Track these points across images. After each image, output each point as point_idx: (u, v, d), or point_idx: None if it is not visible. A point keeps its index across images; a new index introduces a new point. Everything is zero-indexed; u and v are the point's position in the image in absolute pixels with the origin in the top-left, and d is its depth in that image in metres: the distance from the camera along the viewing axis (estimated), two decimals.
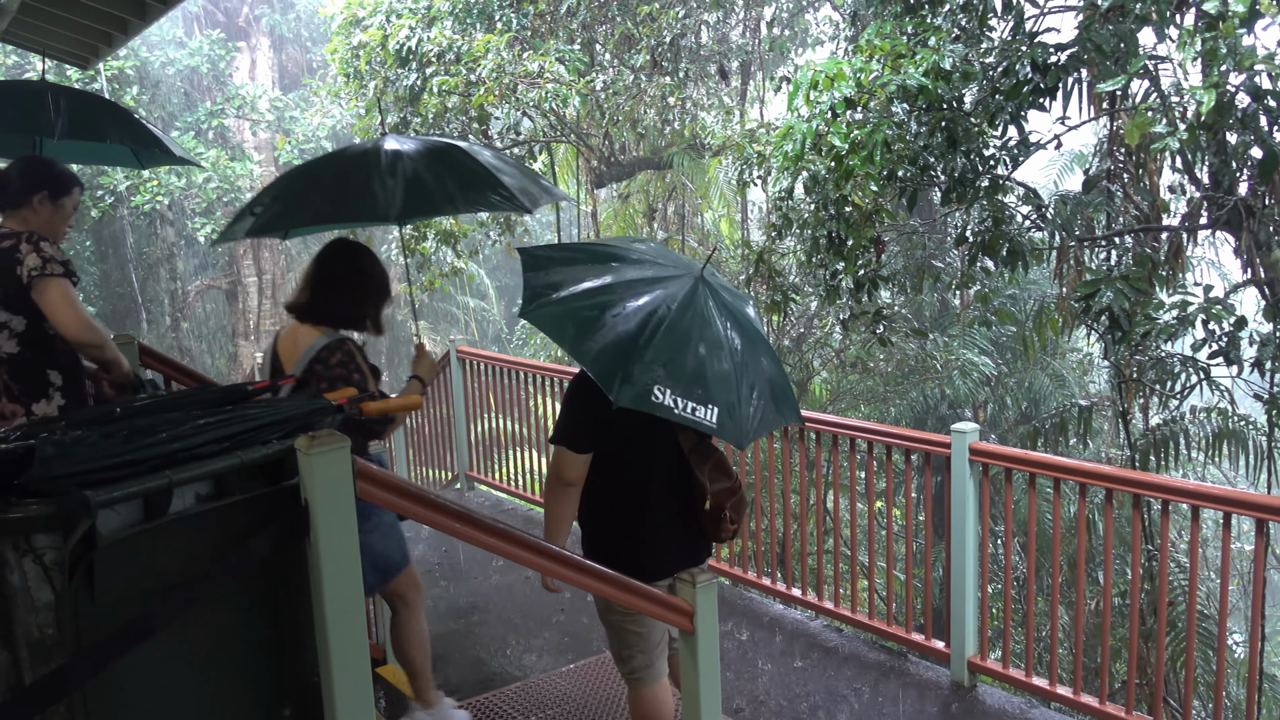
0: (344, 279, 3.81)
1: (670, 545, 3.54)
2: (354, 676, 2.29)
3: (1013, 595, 10.26)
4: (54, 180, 3.91)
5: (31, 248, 3.64)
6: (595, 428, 3.38)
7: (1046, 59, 6.29)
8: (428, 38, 11.40)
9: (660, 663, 3.59)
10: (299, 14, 27.56)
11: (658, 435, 3.43)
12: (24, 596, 1.98)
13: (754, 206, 15.34)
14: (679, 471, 3.50)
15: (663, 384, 2.93)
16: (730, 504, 3.49)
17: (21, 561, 1.98)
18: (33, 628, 2.00)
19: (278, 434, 2.38)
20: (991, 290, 8.57)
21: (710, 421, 2.98)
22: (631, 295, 3.16)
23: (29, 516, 1.97)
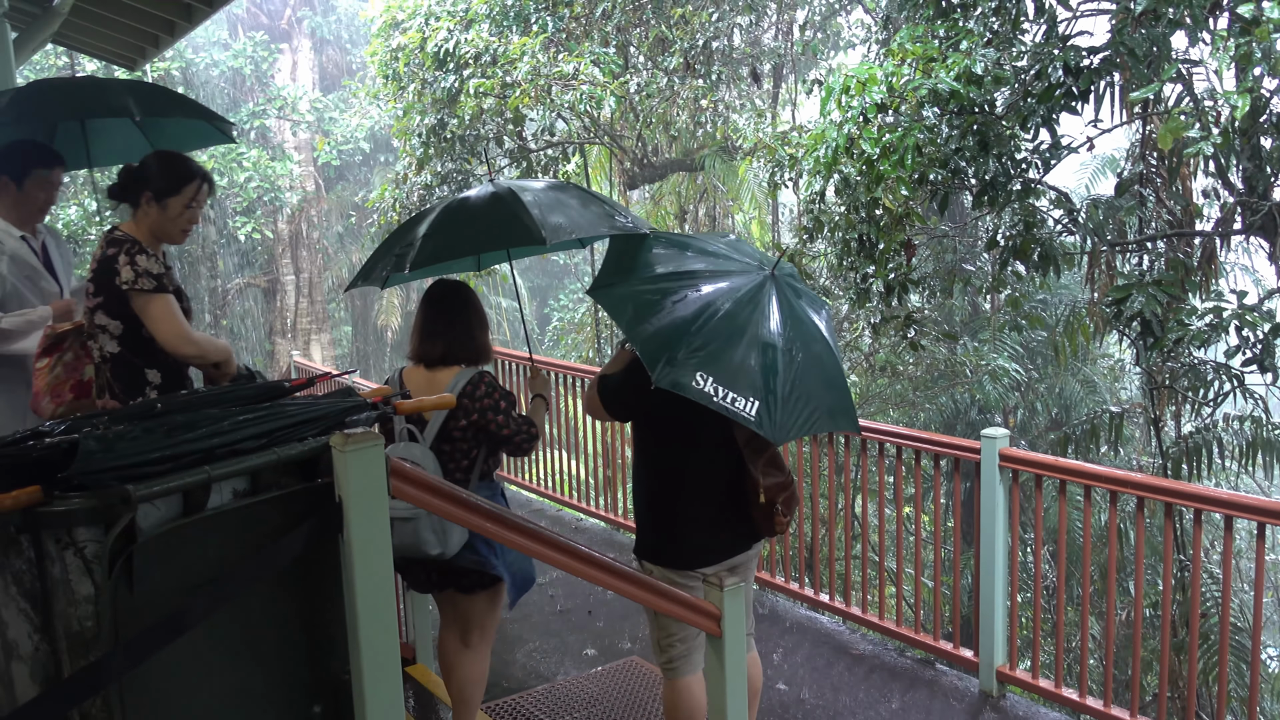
0: (463, 319, 3.94)
1: (718, 534, 3.61)
2: (384, 675, 2.32)
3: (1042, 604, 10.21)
4: (159, 179, 3.72)
5: (127, 260, 3.61)
6: (634, 399, 3.51)
7: (1079, 62, 6.27)
8: (465, 40, 11.48)
9: (698, 655, 3.62)
10: (340, 16, 27.82)
11: (709, 428, 3.50)
12: (64, 589, 2.03)
13: (785, 209, 15.33)
14: (733, 465, 3.56)
15: (705, 371, 3.02)
16: (782, 499, 3.55)
17: (63, 554, 2.02)
18: (72, 620, 2.05)
19: (313, 431, 2.42)
20: (1022, 295, 8.53)
21: (748, 414, 3.04)
22: (695, 285, 3.29)
23: (71, 510, 2.01)
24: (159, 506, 2.12)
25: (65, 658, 2.05)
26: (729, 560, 3.63)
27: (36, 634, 2.09)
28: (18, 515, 2.04)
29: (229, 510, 2.25)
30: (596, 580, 2.95)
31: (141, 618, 2.06)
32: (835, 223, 7.71)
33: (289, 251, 24.96)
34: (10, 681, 2.16)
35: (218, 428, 2.27)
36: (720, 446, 3.55)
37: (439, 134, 12.25)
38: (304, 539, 2.26)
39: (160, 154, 3.84)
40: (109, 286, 3.64)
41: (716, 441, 3.54)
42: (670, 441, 3.58)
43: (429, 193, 12.68)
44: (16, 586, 2.10)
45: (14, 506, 2.01)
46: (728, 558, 3.62)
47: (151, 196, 3.68)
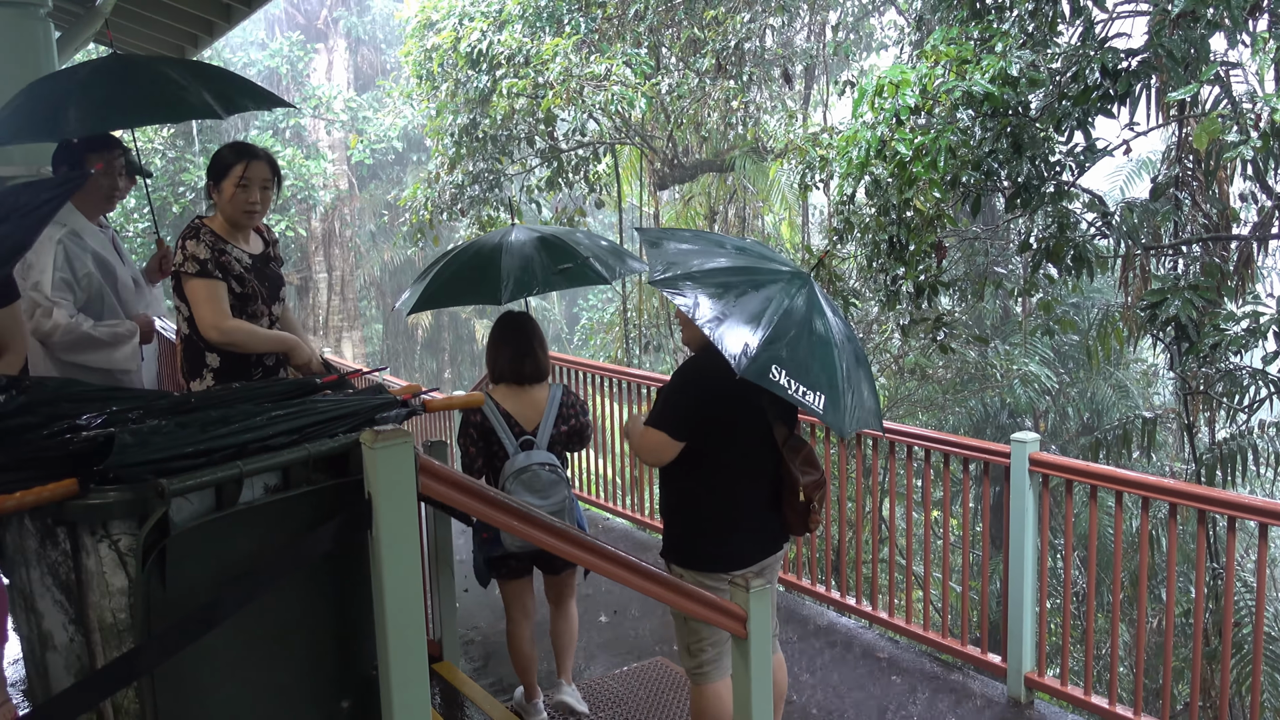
0: (541, 343, 4.37)
1: (756, 535, 3.64)
2: (412, 671, 2.34)
3: (1072, 611, 10.14)
4: (216, 164, 3.92)
5: (181, 245, 3.82)
6: (697, 417, 3.54)
7: (1116, 64, 6.22)
8: (498, 41, 11.54)
9: (727, 660, 3.61)
10: (375, 16, 28.01)
11: (752, 429, 3.55)
12: (99, 581, 2.06)
13: (815, 210, 15.29)
14: (769, 464, 3.60)
15: (779, 365, 3.12)
16: (818, 496, 3.59)
17: (98, 547, 2.05)
18: (106, 612, 2.07)
19: (344, 427, 2.44)
20: (1054, 298, 8.46)
21: (817, 406, 3.14)
22: (753, 282, 3.38)
23: (106, 503, 2.04)
24: (192, 500, 2.15)
25: (99, 649, 2.08)
26: (759, 563, 3.65)
27: (71, 625, 2.12)
28: (54, 507, 2.07)
29: (260, 505, 2.27)
30: (624, 581, 2.95)
31: (173, 610, 2.09)
32: (866, 224, 7.68)
33: (321, 249, 25.17)
34: (45, 671, 2.19)
35: (250, 423, 2.29)
36: (759, 447, 3.58)
37: (471, 134, 12.31)
38: (333, 535, 2.27)
39: (225, 144, 4.05)
40: (176, 270, 3.84)
41: (756, 442, 3.58)
42: (710, 445, 3.58)
43: (460, 192, 12.74)
44: (52, 578, 2.13)
45: (50, 499, 2.04)
46: (758, 560, 3.64)
47: (213, 183, 3.90)
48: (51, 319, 3.95)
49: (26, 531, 2.17)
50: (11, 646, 4.73)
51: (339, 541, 2.29)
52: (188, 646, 2.06)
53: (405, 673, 2.33)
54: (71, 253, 4.04)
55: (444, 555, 4.79)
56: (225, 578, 2.16)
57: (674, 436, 3.54)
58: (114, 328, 4.17)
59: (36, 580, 2.17)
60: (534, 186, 13.08)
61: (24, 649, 2.35)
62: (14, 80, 5.56)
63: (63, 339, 4.01)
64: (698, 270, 3.41)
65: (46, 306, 3.93)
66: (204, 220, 3.94)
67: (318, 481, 2.37)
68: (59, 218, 3.97)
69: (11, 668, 4.68)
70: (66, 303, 3.99)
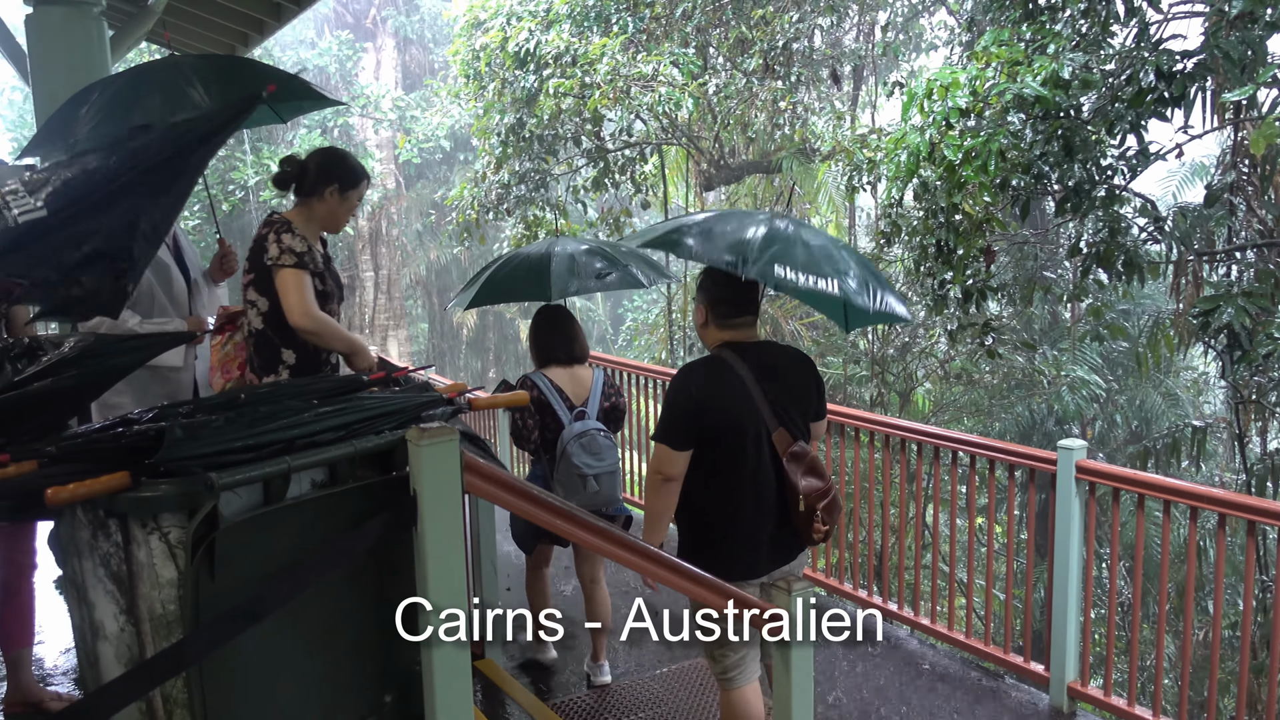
0: (582, 331, 4.87)
1: (761, 545, 3.56)
2: (454, 668, 2.36)
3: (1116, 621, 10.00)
4: (347, 174, 4.05)
5: (275, 238, 3.87)
6: (692, 422, 3.45)
7: (1172, 67, 6.13)
8: (545, 40, 11.57)
9: (752, 665, 3.59)
10: (423, 16, 28.18)
11: (752, 435, 3.48)
12: (149, 572, 2.09)
13: (862, 213, 15.20)
14: (773, 472, 3.52)
15: (780, 263, 3.23)
16: (822, 506, 3.50)
17: (148, 539, 2.09)
18: (156, 603, 2.11)
19: (390, 424, 2.46)
20: (1104, 304, 8.37)
21: (832, 290, 3.24)
22: (738, 215, 3.62)
23: (157, 495, 2.08)
24: (240, 495, 2.18)
25: (148, 639, 2.11)
26: (776, 571, 3.58)
27: (122, 615, 2.16)
28: (106, 500, 2.11)
29: (307, 500, 2.30)
30: (665, 580, 2.95)
31: (221, 602, 2.12)
32: (913, 228, 7.63)
33: (368, 248, 25.37)
34: (96, 660, 2.23)
35: (298, 419, 2.32)
36: (762, 456, 3.51)
37: (518, 133, 12.36)
38: (379, 530, 2.29)
39: (338, 151, 4.19)
40: (259, 264, 3.90)
41: (758, 451, 3.50)
42: (709, 451, 3.52)
43: (506, 191, 12.79)
44: (104, 569, 2.17)
45: (103, 491, 2.08)
46: (768, 570, 3.57)
47: (337, 189, 4.01)
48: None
49: (79, 523, 2.21)
50: (64, 635, 4.84)
51: (384, 537, 2.31)
52: (235, 638, 2.09)
53: (448, 669, 2.34)
54: None
55: (486, 553, 4.82)
56: (272, 571, 2.19)
57: (674, 447, 3.48)
58: (161, 326, 4.22)
59: (89, 571, 2.21)
60: (580, 186, 13.10)
61: (76, 638, 2.39)
62: (68, 77, 5.66)
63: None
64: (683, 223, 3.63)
65: None
66: (281, 215, 4.01)
67: (364, 478, 2.40)
68: None
69: (63, 656, 4.77)
70: None
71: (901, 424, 5.84)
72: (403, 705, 2.51)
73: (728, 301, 3.54)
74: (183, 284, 4.41)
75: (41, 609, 4.09)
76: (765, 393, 3.46)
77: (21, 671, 3.99)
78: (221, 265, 4.67)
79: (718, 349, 3.57)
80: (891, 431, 5.68)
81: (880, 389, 12.30)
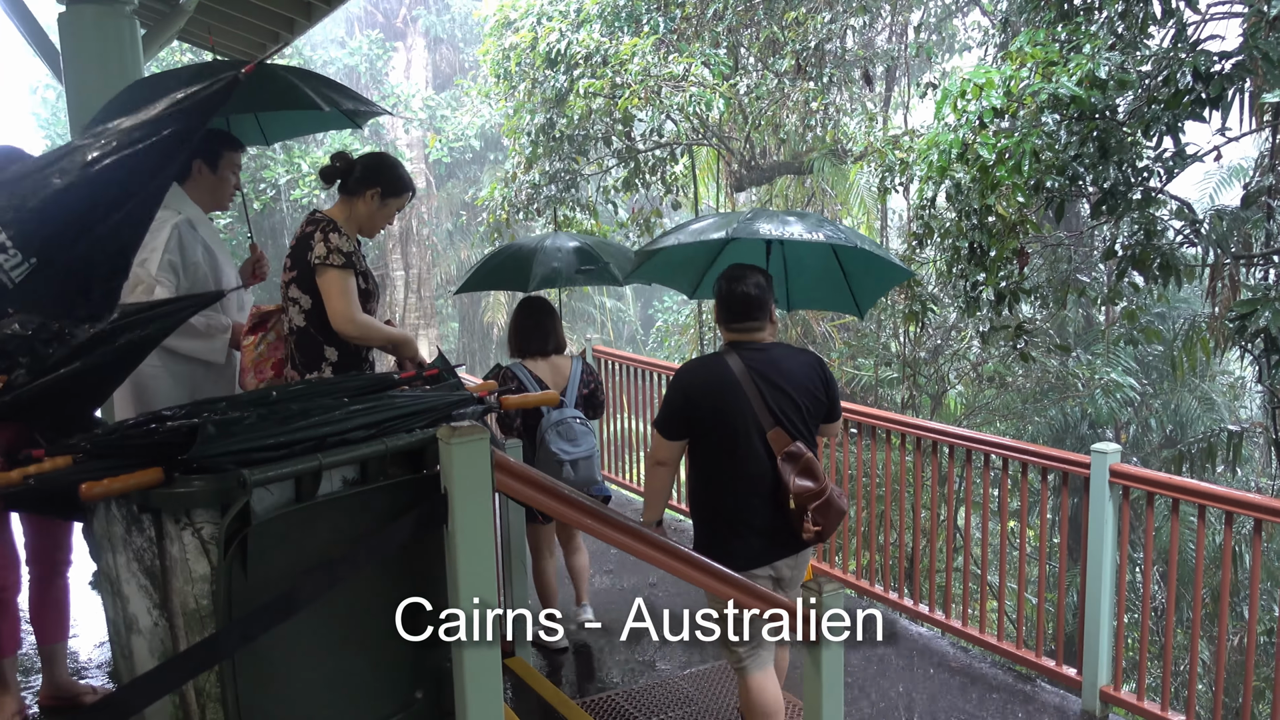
0: (558, 320, 5.10)
1: (760, 535, 3.68)
2: (484, 665, 2.36)
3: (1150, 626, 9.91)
4: (391, 181, 4.07)
5: (321, 237, 3.88)
6: (680, 414, 3.69)
7: (1209, 67, 6.06)
8: (576, 40, 11.58)
9: (764, 652, 3.69)
10: (454, 15, 28.28)
11: (742, 431, 3.62)
12: (182, 567, 2.11)
13: (894, 214, 15.12)
14: (770, 469, 3.65)
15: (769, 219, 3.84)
16: (813, 507, 3.61)
17: (181, 534, 2.10)
18: (189, 598, 2.12)
19: (421, 423, 2.47)
20: (1139, 307, 8.27)
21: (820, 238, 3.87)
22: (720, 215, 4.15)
23: (190, 491, 2.09)
24: (272, 491, 2.19)
25: (181, 633, 2.13)
26: (780, 562, 3.73)
27: (155, 610, 2.17)
28: (140, 495, 2.13)
29: (339, 497, 2.31)
30: (697, 581, 2.95)
31: (253, 598, 2.13)
32: (946, 229, 7.58)
33: (399, 247, 25.48)
34: (130, 654, 2.24)
35: (329, 417, 2.33)
36: (754, 452, 3.64)
37: (548, 133, 12.37)
38: (410, 528, 2.30)
39: (389, 157, 4.22)
40: (303, 262, 3.91)
41: (753, 448, 3.64)
42: (704, 445, 3.71)
43: (537, 191, 12.80)
44: (138, 563, 2.18)
45: (137, 486, 2.09)
46: (772, 560, 3.71)
47: (379, 193, 4.03)
48: (152, 297, 3.95)
49: (114, 518, 2.23)
50: (98, 629, 4.89)
51: (415, 535, 2.31)
52: (267, 633, 2.10)
53: (478, 666, 2.34)
54: (185, 239, 4.07)
55: (516, 552, 4.83)
56: (303, 568, 2.20)
57: (665, 436, 3.73)
58: (210, 319, 4.20)
59: (123, 565, 2.23)
60: (611, 187, 13.10)
61: (110, 631, 2.41)
62: (101, 75, 5.70)
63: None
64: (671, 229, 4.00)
65: (149, 284, 3.96)
66: (324, 213, 4.02)
67: (395, 475, 2.41)
68: (175, 204, 4.05)
69: (97, 649, 4.82)
70: (168, 284, 4.01)
71: (933, 426, 5.82)
72: (433, 702, 2.51)
73: (728, 309, 3.74)
74: (234, 278, 4.40)
75: (76, 603, 4.13)
76: (761, 392, 3.60)
77: (56, 666, 4.02)
78: (254, 271, 4.68)
79: (724, 347, 3.77)
80: (923, 434, 5.65)
81: (912, 391, 12.24)
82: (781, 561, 3.73)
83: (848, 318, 14.87)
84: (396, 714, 2.50)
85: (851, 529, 6.13)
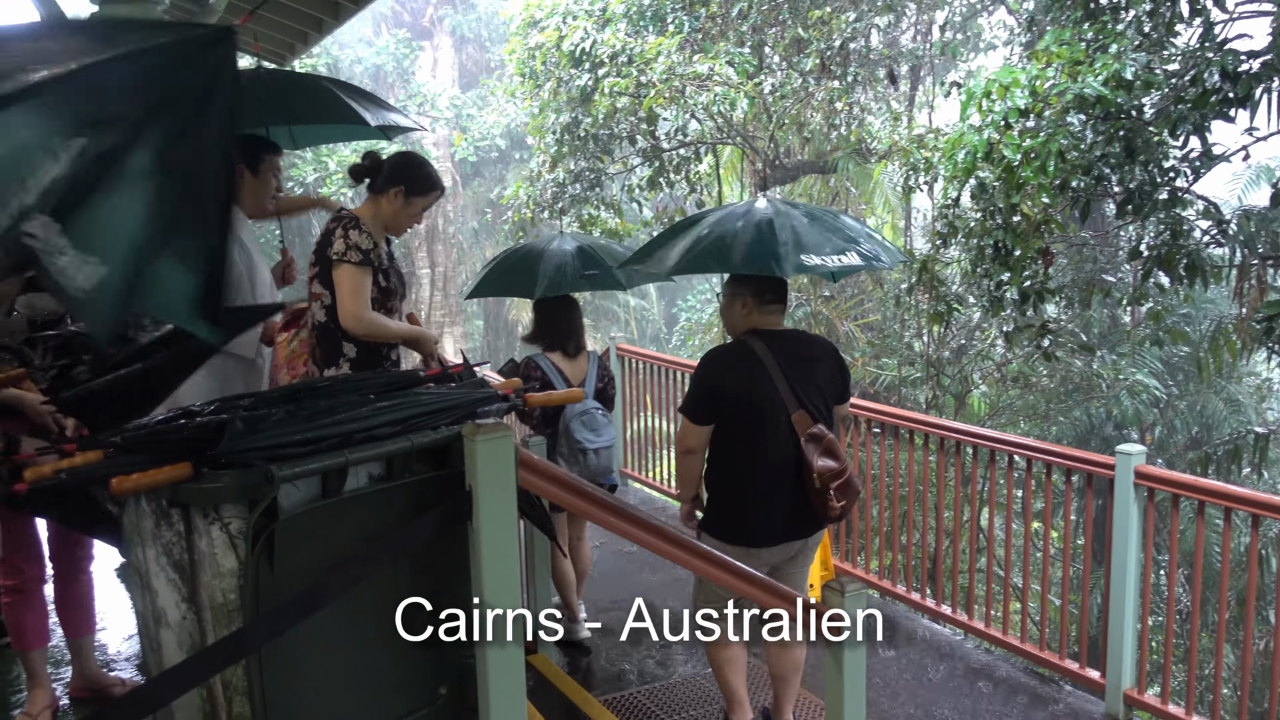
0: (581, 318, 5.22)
1: (778, 516, 3.85)
2: (508, 661, 2.38)
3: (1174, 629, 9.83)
4: (417, 180, 4.09)
5: (342, 234, 3.92)
6: (710, 401, 3.81)
7: (1237, 67, 6.02)
8: (601, 39, 11.59)
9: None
10: (480, 15, 28.36)
11: (769, 414, 3.76)
12: (210, 561, 2.14)
13: (918, 214, 15.07)
14: (792, 451, 3.78)
15: (806, 251, 3.57)
16: (835, 485, 3.74)
17: (210, 529, 2.13)
18: (216, 591, 2.15)
19: (446, 420, 2.49)
20: (1165, 308, 8.23)
21: (855, 261, 3.66)
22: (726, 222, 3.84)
23: (218, 486, 2.12)
24: (299, 487, 2.21)
25: (209, 627, 2.16)
26: (792, 543, 3.91)
27: (184, 603, 2.21)
28: (169, 490, 2.16)
29: (364, 494, 2.33)
30: (721, 581, 2.96)
31: (280, 592, 2.16)
32: (971, 229, 7.56)
33: (425, 245, 25.57)
34: (159, 646, 2.28)
35: (356, 414, 2.35)
36: (782, 434, 3.78)
37: (573, 132, 12.39)
38: (434, 524, 2.32)
39: (416, 156, 4.26)
40: (324, 256, 3.97)
41: (779, 430, 3.77)
42: (729, 427, 3.82)
43: (561, 190, 12.83)
44: (167, 557, 2.22)
45: (166, 481, 2.13)
46: (785, 540, 3.89)
47: (403, 191, 4.05)
48: None
49: (143, 512, 2.26)
50: (127, 622, 4.94)
51: (440, 531, 2.33)
52: (293, 628, 2.13)
53: (502, 663, 2.36)
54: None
55: (540, 549, 4.86)
56: (330, 563, 2.22)
57: (694, 421, 3.84)
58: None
59: (152, 559, 2.26)
60: (635, 186, 13.11)
61: (139, 624, 2.44)
62: None
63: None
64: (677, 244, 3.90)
65: None
66: (350, 211, 4.05)
67: (420, 472, 2.43)
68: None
69: (126, 642, 4.87)
70: None
71: (957, 426, 5.81)
72: (457, 698, 2.54)
73: (771, 289, 3.88)
74: (267, 275, 4.40)
75: (105, 596, 4.18)
76: (787, 376, 3.75)
77: (85, 659, 4.08)
78: (284, 275, 4.73)
79: (746, 335, 3.88)
80: (946, 434, 5.64)
81: (935, 391, 12.20)
82: (796, 541, 3.92)
83: (872, 317, 14.83)
84: (420, 709, 2.53)
85: (874, 529, 6.12)
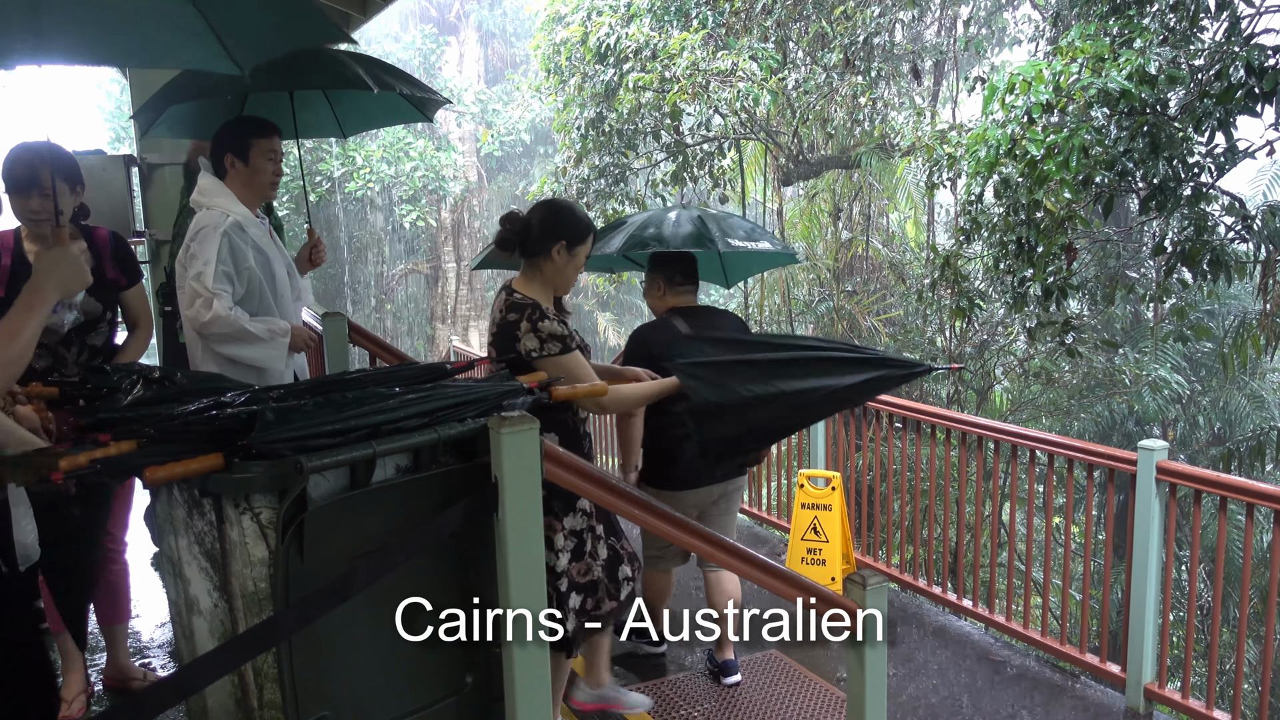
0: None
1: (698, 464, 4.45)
2: (532, 655, 2.42)
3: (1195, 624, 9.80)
4: (574, 228, 3.67)
5: (530, 327, 3.54)
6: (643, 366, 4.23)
7: (1263, 62, 6.00)
8: (626, 35, 11.62)
9: (671, 561, 4.74)
10: (505, 10, 28.44)
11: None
12: (241, 551, 2.19)
13: (941, 209, 15.03)
14: None
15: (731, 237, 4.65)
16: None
17: (241, 518, 2.18)
18: (248, 580, 2.20)
19: (472, 412, 2.53)
20: (1189, 304, 8.19)
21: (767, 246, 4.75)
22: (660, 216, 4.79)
23: (249, 477, 2.17)
24: (328, 478, 2.26)
25: (240, 615, 2.21)
26: (718, 485, 4.58)
27: (215, 591, 2.26)
28: (201, 480, 2.21)
29: (392, 485, 2.37)
30: (740, 572, 2.99)
31: (310, 582, 2.20)
32: (994, 224, 7.55)
33: (450, 240, 25.69)
34: (191, 634, 2.34)
35: (383, 405, 2.39)
36: None
37: (597, 127, 12.43)
38: (461, 516, 2.36)
39: (561, 203, 3.89)
40: (512, 351, 3.59)
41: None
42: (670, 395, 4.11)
43: (586, 185, 12.88)
44: (199, 546, 2.27)
45: (198, 471, 2.17)
46: (716, 483, 4.57)
47: (565, 246, 3.64)
48: (211, 310, 3.84)
49: (175, 502, 2.32)
50: (160, 610, 5.03)
51: (466, 523, 2.37)
52: (323, 616, 2.18)
53: (527, 653, 2.40)
54: (235, 245, 3.91)
55: None
56: (358, 553, 2.27)
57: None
58: (269, 324, 4.05)
59: (184, 548, 2.32)
60: (659, 181, 13.14)
61: (171, 612, 2.50)
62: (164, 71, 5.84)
63: (220, 330, 3.89)
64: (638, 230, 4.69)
65: (207, 297, 3.83)
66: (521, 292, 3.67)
67: (446, 464, 2.47)
68: (224, 205, 3.95)
69: (159, 630, 4.96)
70: (226, 295, 3.89)
71: (979, 421, 5.81)
72: (483, 687, 2.58)
73: (679, 272, 4.59)
74: (285, 279, 4.23)
75: (139, 585, 4.24)
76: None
77: (117, 647, 4.14)
78: (311, 256, 4.64)
79: (666, 313, 4.57)
80: (969, 429, 5.65)
81: (957, 387, 12.18)
82: (716, 486, 4.58)
83: (894, 312, 14.81)
84: (447, 698, 2.57)
85: (896, 523, 6.14)
